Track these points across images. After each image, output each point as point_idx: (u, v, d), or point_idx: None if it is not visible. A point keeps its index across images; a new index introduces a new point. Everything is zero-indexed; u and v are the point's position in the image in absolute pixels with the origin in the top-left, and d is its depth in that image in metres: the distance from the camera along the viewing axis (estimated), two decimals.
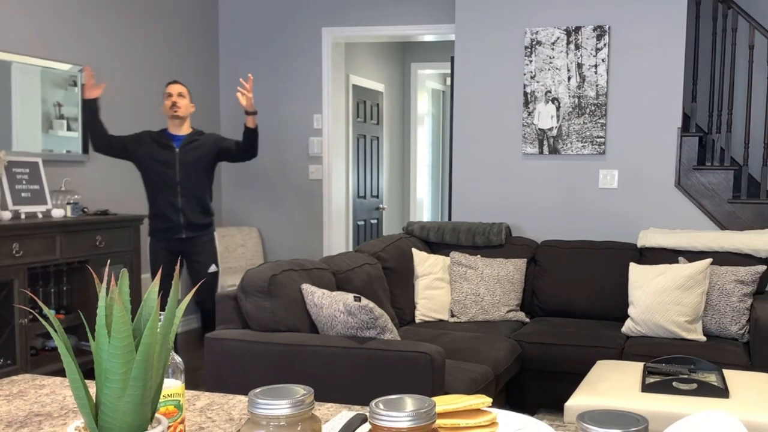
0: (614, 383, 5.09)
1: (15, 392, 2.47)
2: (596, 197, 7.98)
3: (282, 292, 5.12)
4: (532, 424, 2.12)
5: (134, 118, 8.27)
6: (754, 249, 6.93)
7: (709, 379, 5.05)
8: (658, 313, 6.62)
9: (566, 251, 7.51)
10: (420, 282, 7.21)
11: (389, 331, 4.98)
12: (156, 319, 1.50)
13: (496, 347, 6.13)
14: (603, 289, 7.28)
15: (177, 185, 7.22)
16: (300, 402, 1.58)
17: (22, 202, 6.83)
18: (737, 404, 4.65)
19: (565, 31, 7.93)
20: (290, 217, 9.96)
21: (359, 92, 11.43)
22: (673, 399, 4.76)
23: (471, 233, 7.69)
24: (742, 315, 6.63)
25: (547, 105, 8.01)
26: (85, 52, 7.87)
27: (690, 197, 7.67)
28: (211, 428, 2.17)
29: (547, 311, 7.47)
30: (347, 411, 2.30)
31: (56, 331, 1.52)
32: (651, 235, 7.35)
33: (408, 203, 13.45)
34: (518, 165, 8.19)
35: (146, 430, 1.53)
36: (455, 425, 1.85)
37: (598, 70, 7.85)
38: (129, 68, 8.45)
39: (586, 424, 1.43)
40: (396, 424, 1.49)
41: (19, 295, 6.36)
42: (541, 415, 6.63)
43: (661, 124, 7.76)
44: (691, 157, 7.67)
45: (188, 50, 9.45)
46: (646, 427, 1.43)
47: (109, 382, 1.48)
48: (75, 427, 1.56)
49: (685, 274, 6.62)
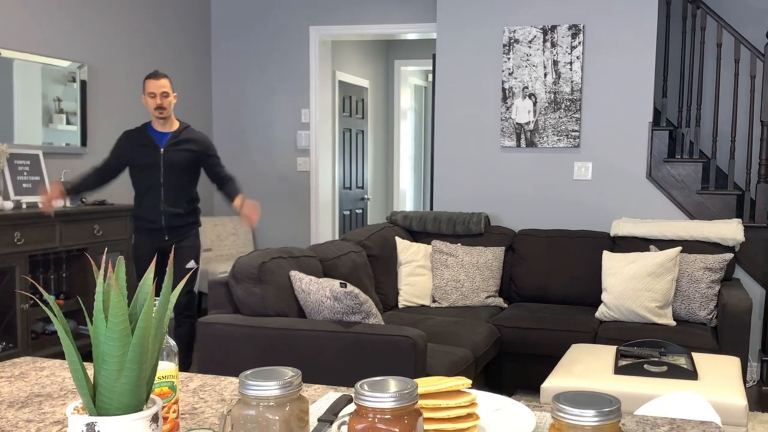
0: (588, 366, 5.10)
1: (16, 374, 2.47)
2: (571, 188, 7.99)
3: (271, 279, 5.13)
4: (510, 404, 2.13)
5: (131, 113, 8.25)
6: (722, 238, 6.96)
7: (678, 361, 5.07)
8: (630, 299, 6.64)
9: (542, 240, 7.52)
10: (403, 269, 7.22)
11: (373, 316, 4.98)
12: (151, 304, 1.50)
13: (475, 331, 6.14)
14: (577, 276, 7.31)
15: (161, 187, 6.72)
16: (288, 383, 1.59)
17: (24, 193, 6.86)
18: (705, 386, 4.67)
19: (541, 30, 7.93)
20: (279, 206, 9.95)
21: (345, 88, 11.41)
22: (644, 381, 4.78)
23: (452, 222, 7.70)
24: (710, 301, 6.65)
25: (525, 100, 8.01)
26: (84, 49, 7.85)
27: (661, 188, 7.69)
28: (203, 408, 2.17)
29: (524, 297, 7.48)
30: (333, 392, 2.31)
31: (56, 316, 1.52)
32: (623, 224, 7.36)
33: (391, 194, 13.44)
34: (497, 157, 8.19)
35: (142, 410, 1.53)
36: (436, 406, 1.86)
37: (573, 67, 7.86)
38: (125, 64, 8.43)
39: (561, 405, 1.44)
40: (380, 405, 1.50)
41: (20, 281, 6.36)
42: (518, 396, 6.64)
43: (633, 119, 7.77)
44: (662, 150, 7.68)
45: (182, 47, 9.43)
46: (618, 408, 1.44)
47: (107, 365, 1.48)
48: (74, 408, 1.56)
49: (656, 261, 6.64)
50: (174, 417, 1.89)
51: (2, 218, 6.19)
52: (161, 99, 6.68)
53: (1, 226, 6.20)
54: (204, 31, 9.86)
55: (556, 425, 1.46)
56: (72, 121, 7.68)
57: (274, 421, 1.56)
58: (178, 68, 9.32)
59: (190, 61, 9.61)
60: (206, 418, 2.09)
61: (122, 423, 1.49)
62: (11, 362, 2.62)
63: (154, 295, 1.55)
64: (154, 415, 1.55)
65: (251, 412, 1.57)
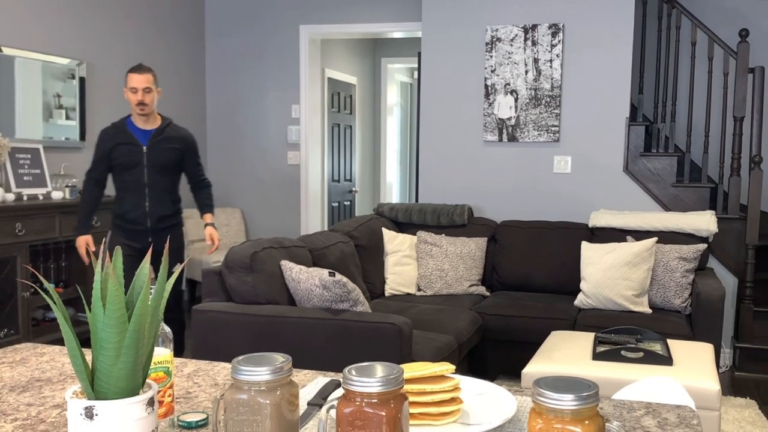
0: (567, 352, 5.11)
1: (18, 359, 2.47)
2: (551, 181, 8.00)
3: (263, 268, 5.12)
4: (492, 389, 2.13)
5: (128, 109, 8.23)
6: (696, 229, 6.97)
7: (654, 348, 5.08)
8: (607, 288, 6.65)
9: (524, 231, 7.53)
10: (389, 259, 7.22)
11: (361, 304, 4.98)
12: (147, 292, 1.50)
13: (459, 319, 6.14)
14: (557, 265, 7.32)
15: (145, 188, 6.25)
16: (279, 369, 1.59)
17: (25, 185, 6.84)
18: (680, 371, 4.68)
19: (522, 29, 7.93)
20: (270, 199, 9.94)
21: (334, 84, 11.40)
22: (621, 366, 4.79)
23: (436, 214, 7.70)
24: (684, 289, 6.67)
25: (506, 96, 8.01)
26: (83, 47, 7.83)
27: (637, 181, 7.70)
28: (197, 393, 2.17)
29: (506, 286, 7.49)
30: (323, 377, 2.31)
31: (55, 304, 1.52)
32: (601, 215, 7.37)
33: (378, 186, 13.43)
34: (479, 151, 8.20)
35: (138, 395, 1.53)
36: (422, 390, 1.86)
37: (553, 64, 7.86)
38: (122, 61, 8.40)
39: (541, 390, 1.45)
40: (367, 389, 1.50)
41: (21, 270, 6.36)
42: (500, 381, 6.65)
43: (611, 114, 7.78)
44: (638, 145, 7.69)
45: (177, 45, 9.41)
46: (596, 393, 1.44)
47: (104, 350, 1.48)
48: (73, 392, 1.56)
49: (633, 251, 6.66)
50: (169, 401, 1.89)
51: (4, 210, 6.19)
52: (143, 94, 6.16)
53: (3, 217, 6.20)
54: (198, 29, 9.83)
55: (536, 409, 1.46)
56: (71, 117, 7.68)
57: (265, 405, 1.56)
58: (173, 65, 9.31)
59: (185, 58, 9.59)
60: (200, 402, 2.09)
61: (119, 406, 1.49)
62: (12, 348, 2.62)
63: (149, 284, 1.55)
64: (150, 399, 1.55)
65: (243, 396, 1.58)
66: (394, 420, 1.51)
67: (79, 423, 1.50)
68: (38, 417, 1.94)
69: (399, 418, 1.53)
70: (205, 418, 1.92)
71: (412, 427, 1.85)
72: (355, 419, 1.51)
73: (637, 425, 1.96)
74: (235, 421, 1.59)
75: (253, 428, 1.58)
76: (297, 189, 9.85)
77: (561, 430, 1.42)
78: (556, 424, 1.43)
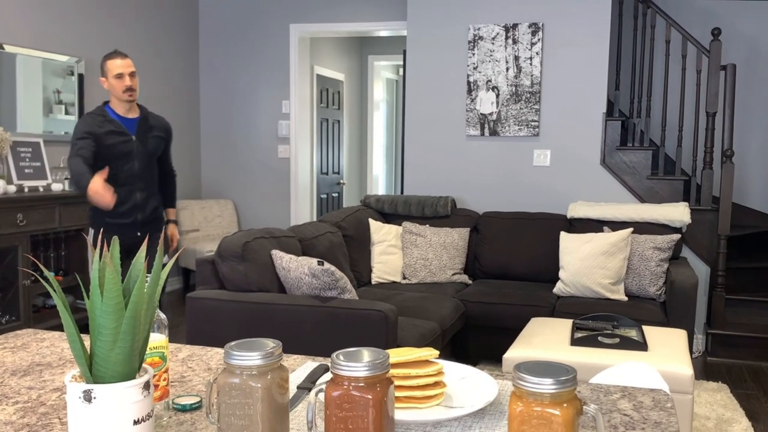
0: (546, 338, 5.11)
1: (19, 345, 2.46)
2: (531, 174, 8.00)
3: (254, 257, 5.12)
4: (474, 373, 2.13)
5: None
6: (670, 220, 6.99)
7: (630, 334, 5.09)
8: (585, 276, 6.66)
9: (505, 221, 7.54)
10: (376, 248, 7.22)
11: (348, 292, 4.99)
12: (143, 280, 1.50)
13: (442, 306, 6.15)
14: (537, 254, 7.32)
15: (136, 179, 5.69)
16: (270, 354, 1.59)
17: (26, 178, 6.85)
18: (654, 357, 4.69)
19: (503, 28, 7.93)
20: (261, 190, 9.94)
21: (322, 81, 11.39)
22: (598, 352, 4.79)
23: (421, 205, 7.70)
24: (659, 278, 6.69)
25: (488, 93, 8.02)
26: (81, 45, 7.81)
27: (613, 174, 7.71)
28: (191, 377, 2.17)
29: (488, 274, 7.50)
30: (312, 362, 2.31)
31: (55, 291, 1.52)
32: (579, 207, 7.39)
33: (365, 179, 13.43)
34: (462, 145, 8.20)
35: (134, 378, 1.53)
36: (406, 374, 1.87)
37: (532, 62, 7.86)
38: None
39: (521, 374, 1.45)
40: (354, 373, 1.51)
41: (22, 259, 6.36)
42: (482, 366, 6.66)
43: (588, 110, 7.79)
44: (615, 139, 7.71)
45: (172, 43, 9.38)
46: (574, 377, 1.45)
47: (102, 336, 1.48)
48: (72, 376, 1.56)
49: (609, 241, 6.67)
50: (164, 385, 1.89)
51: (6, 201, 6.18)
52: (130, 79, 5.56)
53: (5, 208, 6.19)
54: (192, 28, 9.81)
55: (516, 393, 1.47)
56: (70, 112, 7.67)
57: (256, 388, 1.57)
58: (168, 62, 9.29)
59: (180, 56, 9.57)
60: (194, 386, 2.09)
61: (116, 390, 1.49)
62: (14, 334, 2.61)
63: (146, 272, 1.55)
64: (146, 382, 1.55)
65: (235, 380, 1.58)
66: (380, 403, 1.52)
67: (78, 406, 1.50)
68: (39, 400, 1.94)
69: (385, 401, 1.53)
70: (199, 401, 1.93)
71: (398, 410, 1.85)
72: (343, 402, 1.51)
73: (614, 408, 1.96)
74: (227, 403, 1.60)
75: (244, 411, 1.58)
76: (287, 181, 9.84)
77: (540, 413, 1.43)
78: (535, 407, 1.43)
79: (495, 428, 1.82)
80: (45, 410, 1.87)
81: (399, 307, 5.96)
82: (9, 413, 1.85)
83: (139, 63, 8.71)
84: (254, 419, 1.59)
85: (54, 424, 1.78)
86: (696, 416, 5.53)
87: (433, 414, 1.83)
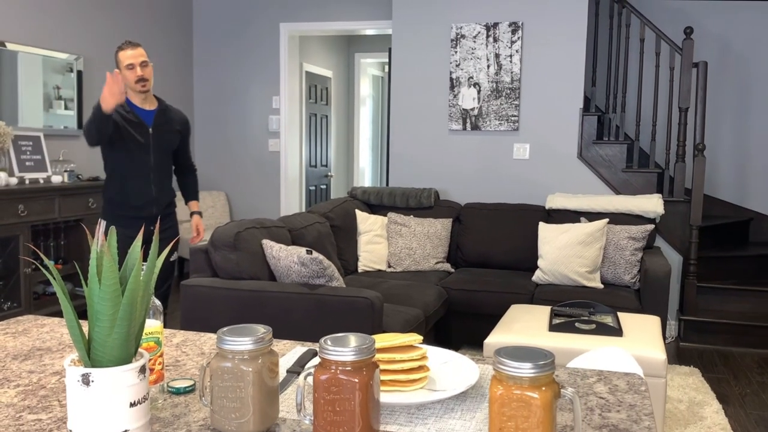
0: (526, 324, 5.12)
1: (20, 330, 2.46)
2: (511, 167, 8.01)
3: (245, 247, 5.12)
4: (457, 358, 2.14)
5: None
6: (644, 211, 7.01)
7: (605, 320, 5.10)
8: (562, 265, 6.67)
9: (485, 212, 7.54)
10: (362, 238, 7.22)
11: (336, 280, 4.99)
12: (139, 268, 1.51)
13: (426, 293, 6.16)
14: (516, 244, 7.33)
15: (151, 172, 5.34)
16: (260, 339, 1.60)
17: (27, 170, 6.84)
18: (629, 342, 4.70)
19: (485, 26, 7.93)
20: (253, 182, 9.92)
21: (311, 78, 11.38)
22: (575, 337, 4.80)
23: (405, 197, 7.71)
24: (633, 266, 6.70)
25: (470, 89, 8.02)
26: (80, 43, 7.78)
27: (590, 167, 7.72)
28: (185, 361, 2.17)
29: (469, 263, 7.51)
30: (300, 347, 2.31)
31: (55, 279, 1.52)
32: (557, 198, 7.40)
33: (352, 171, 13.42)
34: (445, 139, 8.20)
35: (131, 363, 1.54)
36: (392, 359, 1.87)
37: (512, 59, 7.87)
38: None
39: (502, 358, 1.46)
40: (341, 358, 1.51)
41: (23, 248, 6.35)
42: (464, 351, 6.67)
43: (566, 105, 7.80)
44: (591, 133, 7.72)
45: (167, 41, 9.35)
46: (552, 361, 1.45)
47: (100, 322, 1.48)
48: (71, 360, 1.57)
49: (586, 231, 6.68)
50: (159, 368, 1.89)
51: (8, 193, 6.17)
52: (142, 69, 5.21)
53: (7, 199, 6.18)
54: (186, 26, 9.78)
55: (497, 376, 1.47)
56: (69, 107, 7.65)
57: (247, 372, 1.57)
58: (163, 59, 9.27)
59: (174, 53, 9.54)
60: (188, 370, 2.09)
61: (113, 374, 1.49)
62: (15, 320, 2.61)
63: (141, 261, 1.55)
64: (142, 366, 1.56)
65: (228, 364, 1.58)
66: (366, 386, 1.52)
67: (77, 388, 1.50)
68: (39, 383, 1.94)
69: (371, 385, 1.54)
70: (193, 384, 1.93)
71: (383, 393, 1.86)
72: (331, 385, 1.52)
73: (590, 391, 1.97)
74: (220, 387, 1.60)
75: (236, 393, 1.59)
76: (277, 174, 9.83)
77: (520, 396, 1.43)
78: (515, 390, 1.44)
79: (476, 410, 1.83)
80: (45, 393, 1.87)
81: (384, 294, 5.97)
82: (11, 396, 1.85)
83: None
84: (245, 402, 1.59)
85: (54, 406, 1.78)
86: (669, 399, 5.55)
87: (417, 397, 1.84)
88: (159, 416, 1.74)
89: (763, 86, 8.58)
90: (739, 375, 6.30)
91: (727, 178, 8.76)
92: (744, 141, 8.68)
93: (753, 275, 7.82)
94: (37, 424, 1.66)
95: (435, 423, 1.73)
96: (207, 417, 1.73)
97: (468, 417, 1.78)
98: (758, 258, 7.84)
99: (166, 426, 1.68)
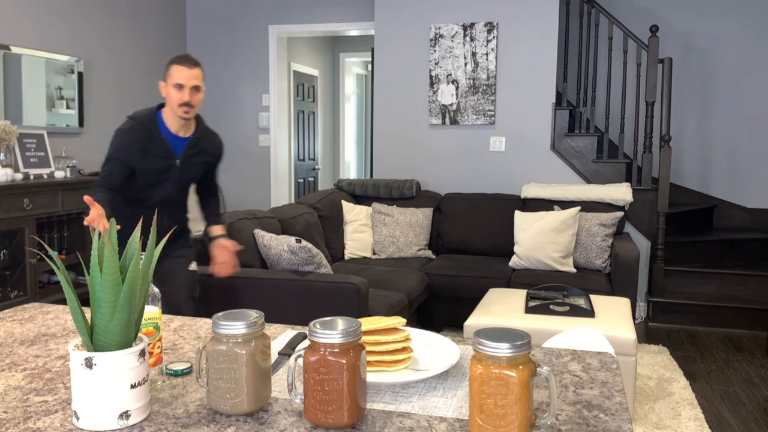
0: (503, 306, 5.13)
1: (26, 317, 2.46)
2: (488, 158, 8.02)
3: (238, 236, 5.11)
4: (439, 339, 2.15)
5: (121, 100, 8.20)
6: (614, 199, 7.02)
7: (578, 302, 5.11)
8: (537, 251, 6.69)
9: (464, 201, 7.55)
10: (348, 227, 7.22)
11: (324, 267, 4.99)
12: (138, 258, 1.51)
13: (409, 278, 6.16)
14: (494, 231, 7.34)
15: (168, 204, 4.41)
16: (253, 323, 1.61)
17: (31, 166, 6.81)
18: (601, 322, 4.72)
19: (462, 27, 7.92)
20: (244, 176, 9.91)
21: (299, 76, 11.36)
22: (550, 319, 4.81)
23: (388, 187, 7.70)
24: (604, 251, 6.72)
25: (448, 85, 8.02)
26: (81, 45, 7.74)
27: (563, 158, 7.74)
28: (182, 345, 2.17)
29: (450, 249, 7.51)
30: (291, 330, 2.31)
31: (59, 268, 1.52)
32: (531, 188, 7.41)
33: (338, 164, 13.41)
34: (426, 133, 8.20)
35: (131, 347, 1.54)
36: (377, 341, 1.88)
37: (488, 57, 7.87)
38: (115, 57, 8.31)
39: (481, 339, 1.46)
40: (330, 340, 1.52)
41: (29, 240, 6.33)
42: (445, 333, 6.68)
43: (539, 100, 7.80)
44: (563, 126, 7.73)
45: (162, 43, 9.31)
46: (529, 342, 1.46)
47: (101, 309, 1.48)
48: (74, 345, 1.57)
49: (559, 219, 6.70)
50: (158, 352, 1.89)
51: (13, 187, 6.15)
52: (191, 94, 4.12)
53: (13, 194, 6.16)
54: (180, 28, 9.74)
55: (477, 356, 1.48)
56: (71, 106, 7.62)
57: (241, 354, 1.58)
58: (158, 60, 9.23)
59: (169, 54, 9.51)
60: (185, 353, 2.10)
61: (115, 357, 1.50)
62: (22, 307, 2.61)
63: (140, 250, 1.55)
64: (142, 350, 1.56)
65: (222, 347, 1.59)
66: (353, 367, 1.53)
67: (81, 372, 1.50)
68: (45, 367, 1.94)
69: (358, 366, 1.54)
70: (190, 366, 1.93)
71: (369, 373, 1.86)
72: (320, 366, 1.53)
73: (564, 370, 1.98)
74: (215, 368, 1.60)
75: (231, 375, 1.59)
76: (267, 167, 9.81)
77: (498, 375, 1.44)
78: (494, 369, 1.44)
79: (457, 389, 1.83)
80: (50, 376, 1.87)
81: (369, 280, 5.97)
82: (18, 379, 1.85)
83: (132, 61, 8.64)
84: (240, 382, 1.60)
85: (59, 389, 1.78)
86: (639, 376, 5.57)
87: (401, 376, 1.84)
88: (158, 397, 1.74)
89: (725, 80, 8.61)
90: (705, 353, 6.33)
91: (691, 167, 8.79)
92: (707, 132, 8.71)
93: (717, 259, 7.85)
94: (44, 406, 1.67)
95: (419, 401, 1.74)
96: (203, 397, 1.73)
97: (449, 395, 1.79)
98: (722, 242, 7.88)
99: (165, 406, 1.68)
